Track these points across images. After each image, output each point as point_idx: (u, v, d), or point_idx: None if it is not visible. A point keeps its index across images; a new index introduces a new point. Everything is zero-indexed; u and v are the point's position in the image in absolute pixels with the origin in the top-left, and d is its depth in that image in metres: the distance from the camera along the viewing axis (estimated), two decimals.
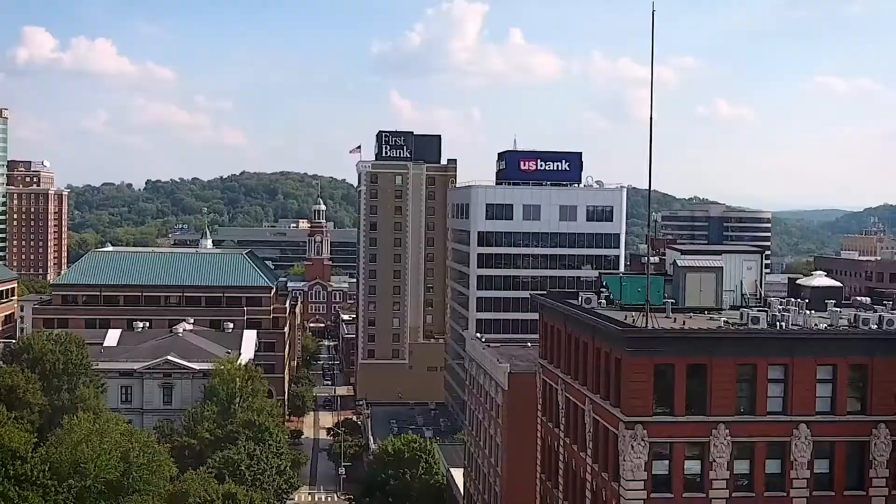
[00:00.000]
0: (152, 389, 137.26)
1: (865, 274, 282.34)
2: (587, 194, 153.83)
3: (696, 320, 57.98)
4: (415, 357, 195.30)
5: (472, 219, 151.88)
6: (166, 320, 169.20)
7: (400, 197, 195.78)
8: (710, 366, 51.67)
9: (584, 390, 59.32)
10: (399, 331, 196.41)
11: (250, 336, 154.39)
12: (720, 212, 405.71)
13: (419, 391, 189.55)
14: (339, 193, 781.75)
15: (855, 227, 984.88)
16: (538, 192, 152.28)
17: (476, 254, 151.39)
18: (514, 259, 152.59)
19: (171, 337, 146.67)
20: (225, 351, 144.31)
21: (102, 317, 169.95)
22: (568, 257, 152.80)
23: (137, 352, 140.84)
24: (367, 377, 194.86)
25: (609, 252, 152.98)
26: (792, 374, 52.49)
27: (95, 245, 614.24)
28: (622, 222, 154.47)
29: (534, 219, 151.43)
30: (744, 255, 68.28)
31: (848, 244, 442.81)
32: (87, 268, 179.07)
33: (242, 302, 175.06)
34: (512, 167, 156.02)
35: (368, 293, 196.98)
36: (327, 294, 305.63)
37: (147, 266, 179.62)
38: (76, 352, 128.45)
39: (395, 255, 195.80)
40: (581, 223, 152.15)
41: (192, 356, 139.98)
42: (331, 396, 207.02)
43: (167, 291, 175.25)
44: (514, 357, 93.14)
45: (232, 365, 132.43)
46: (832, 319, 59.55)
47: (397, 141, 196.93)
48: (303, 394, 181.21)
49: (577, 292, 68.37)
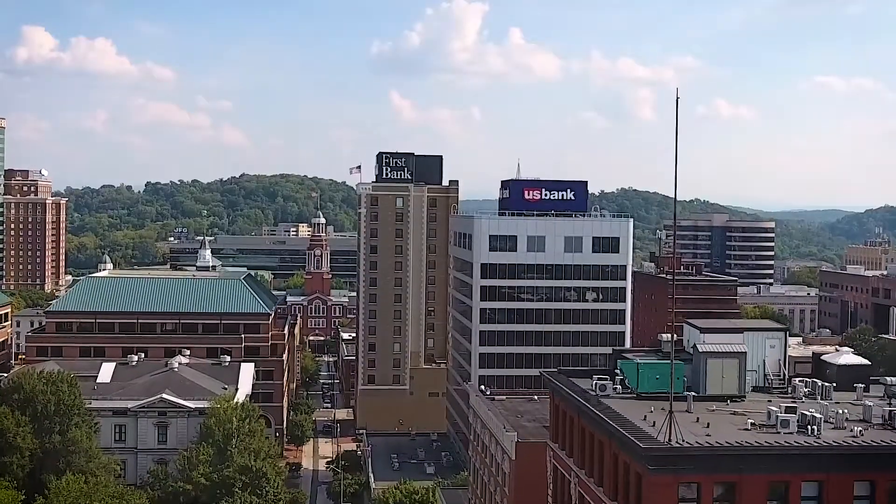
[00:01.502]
0: (147, 429, 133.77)
1: (872, 290, 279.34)
2: (593, 225, 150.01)
3: (722, 424, 53.62)
4: (416, 383, 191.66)
5: (474, 250, 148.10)
6: (162, 348, 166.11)
7: (401, 220, 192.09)
8: (739, 484, 47.83)
9: (600, 493, 55.57)
10: (400, 356, 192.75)
11: (248, 369, 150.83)
12: (723, 221, 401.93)
13: (420, 418, 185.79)
14: (339, 196, 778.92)
15: (856, 229, 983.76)
16: (542, 222, 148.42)
17: (479, 286, 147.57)
18: (518, 292, 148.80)
19: (167, 372, 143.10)
20: (222, 386, 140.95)
21: (97, 345, 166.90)
22: (574, 289, 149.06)
23: (132, 389, 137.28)
24: (367, 403, 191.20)
25: (615, 284, 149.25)
26: (827, 492, 48.64)
27: (95, 249, 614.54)
28: (629, 253, 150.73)
29: (538, 250, 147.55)
30: (766, 333, 64.68)
31: (851, 255, 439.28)
32: (82, 294, 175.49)
33: (240, 329, 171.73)
34: (516, 196, 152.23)
35: (369, 317, 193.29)
36: (327, 308, 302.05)
37: (143, 292, 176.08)
38: (68, 392, 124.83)
39: (397, 279, 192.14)
40: (587, 254, 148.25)
41: (187, 393, 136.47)
42: (330, 421, 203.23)
43: (163, 318, 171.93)
44: (521, 415, 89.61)
45: (228, 404, 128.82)
46: (864, 414, 55.95)
47: (398, 162, 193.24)
48: (302, 422, 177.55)
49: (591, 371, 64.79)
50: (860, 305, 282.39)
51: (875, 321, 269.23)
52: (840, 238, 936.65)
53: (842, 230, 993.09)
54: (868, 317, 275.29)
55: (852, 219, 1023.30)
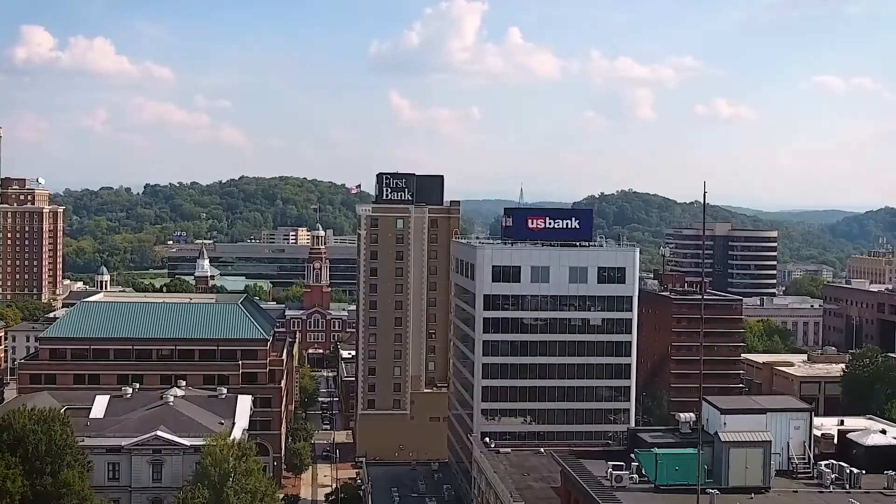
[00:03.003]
0: (141, 466, 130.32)
1: (877, 306, 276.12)
2: (598, 255, 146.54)
3: None
4: (416, 407, 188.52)
5: (477, 280, 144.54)
6: (158, 375, 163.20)
7: (401, 242, 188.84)
8: None
9: None
10: (400, 380, 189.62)
11: (244, 402, 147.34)
12: (725, 230, 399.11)
13: (421, 444, 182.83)
14: (338, 199, 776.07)
15: (856, 231, 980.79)
16: (547, 253, 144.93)
17: (482, 318, 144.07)
18: (522, 324, 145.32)
19: (162, 406, 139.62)
20: (218, 421, 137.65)
21: (92, 372, 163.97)
22: (579, 321, 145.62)
23: (126, 425, 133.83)
24: (367, 428, 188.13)
25: (621, 315, 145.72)
26: None
27: (93, 253, 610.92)
28: (635, 284, 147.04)
29: (542, 281, 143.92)
30: (791, 414, 61.30)
31: (855, 265, 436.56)
32: (77, 320, 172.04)
33: (238, 355, 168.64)
34: (519, 225, 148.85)
35: (369, 341, 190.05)
36: (326, 322, 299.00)
37: (138, 317, 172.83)
38: (60, 431, 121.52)
39: (397, 302, 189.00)
40: (592, 285, 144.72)
41: (182, 429, 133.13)
42: (330, 444, 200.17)
43: (159, 345, 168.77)
44: (527, 472, 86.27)
45: (224, 443, 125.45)
46: None
47: (398, 183, 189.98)
48: (300, 450, 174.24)
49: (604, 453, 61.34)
50: (866, 321, 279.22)
51: (881, 337, 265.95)
52: (841, 240, 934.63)
53: (842, 232, 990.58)
54: (874, 332, 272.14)
55: (853, 220, 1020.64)
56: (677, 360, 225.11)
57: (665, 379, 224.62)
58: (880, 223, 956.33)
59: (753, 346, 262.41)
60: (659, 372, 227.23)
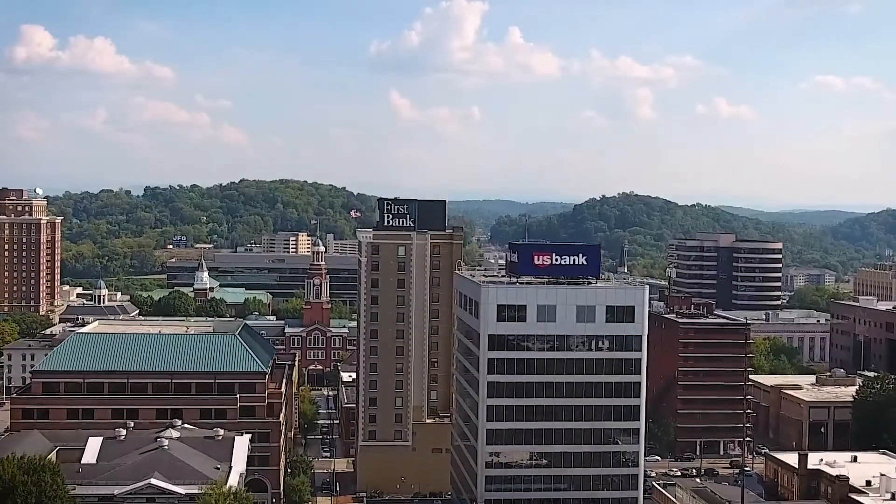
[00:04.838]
0: None
1: (886, 325, 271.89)
2: (606, 293, 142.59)
3: None
4: (419, 439, 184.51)
5: (481, 319, 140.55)
6: (154, 409, 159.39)
7: (403, 269, 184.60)
8: None
9: None
10: (402, 410, 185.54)
11: (242, 444, 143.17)
12: (729, 241, 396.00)
13: (424, 476, 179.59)
14: (338, 202, 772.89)
15: (858, 233, 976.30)
16: (553, 291, 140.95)
17: (486, 358, 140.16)
18: (528, 364, 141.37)
19: (156, 451, 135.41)
20: (214, 466, 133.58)
21: (86, 406, 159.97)
22: (586, 361, 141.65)
23: (119, 472, 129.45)
24: (368, 460, 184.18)
25: (630, 355, 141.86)
26: None
27: (93, 258, 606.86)
28: (644, 323, 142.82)
29: (548, 320, 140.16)
30: None
31: (860, 279, 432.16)
32: (70, 352, 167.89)
33: (235, 388, 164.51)
34: (525, 261, 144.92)
35: (370, 371, 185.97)
36: (326, 339, 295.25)
37: (133, 350, 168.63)
38: (51, 482, 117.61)
39: (398, 331, 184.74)
40: (600, 324, 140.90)
41: (177, 476, 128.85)
42: (330, 473, 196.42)
43: (155, 378, 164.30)
44: None
45: (220, 492, 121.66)
46: None
47: (400, 209, 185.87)
48: (299, 486, 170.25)
49: None
50: (873, 340, 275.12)
51: (889, 358, 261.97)
52: (842, 242, 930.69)
53: (844, 234, 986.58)
54: (882, 352, 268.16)
55: (854, 222, 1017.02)
56: (684, 385, 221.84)
57: (672, 405, 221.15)
58: (882, 225, 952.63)
59: (760, 365, 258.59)
60: (665, 397, 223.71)
